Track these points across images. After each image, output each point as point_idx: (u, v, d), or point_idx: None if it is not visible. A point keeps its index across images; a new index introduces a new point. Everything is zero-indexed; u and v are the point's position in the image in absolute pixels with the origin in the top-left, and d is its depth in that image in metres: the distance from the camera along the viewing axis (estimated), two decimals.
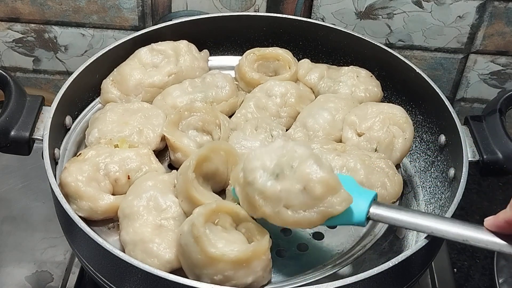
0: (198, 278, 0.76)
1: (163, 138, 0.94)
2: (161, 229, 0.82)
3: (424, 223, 0.75)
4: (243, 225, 0.80)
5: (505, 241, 0.71)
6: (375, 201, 0.78)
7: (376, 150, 0.93)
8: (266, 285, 0.80)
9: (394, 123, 0.94)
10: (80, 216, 0.85)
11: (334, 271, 0.82)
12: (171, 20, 1.18)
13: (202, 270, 0.76)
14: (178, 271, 0.79)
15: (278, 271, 0.82)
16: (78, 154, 0.91)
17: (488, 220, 0.72)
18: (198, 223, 0.76)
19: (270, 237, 0.79)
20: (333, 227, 0.88)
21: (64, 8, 1.28)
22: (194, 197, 0.82)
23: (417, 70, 1.02)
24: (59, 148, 0.94)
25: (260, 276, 0.78)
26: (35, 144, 0.93)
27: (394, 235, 0.96)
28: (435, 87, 0.99)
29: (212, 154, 0.86)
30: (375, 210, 0.76)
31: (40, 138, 0.90)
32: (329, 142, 0.93)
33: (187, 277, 0.78)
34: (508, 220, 0.70)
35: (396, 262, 0.75)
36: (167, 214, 0.83)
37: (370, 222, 0.81)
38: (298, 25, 1.12)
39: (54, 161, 0.92)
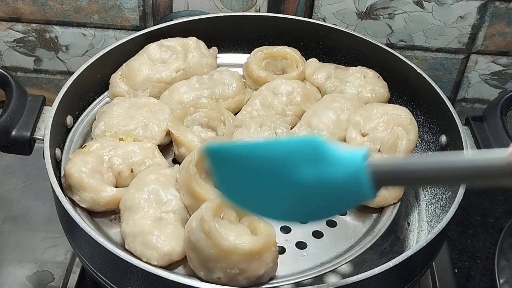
0: (210, 272, 0.77)
1: (168, 133, 0.95)
2: (161, 221, 0.83)
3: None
4: (247, 218, 0.81)
5: None
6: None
7: (379, 150, 0.93)
8: (273, 278, 0.80)
9: (398, 124, 0.94)
10: (82, 208, 0.85)
11: (331, 269, 0.83)
12: (172, 20, 1.18)
13: (215, 264, 0.76)
14: (175, 265, 0.81)
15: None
16: (83, 146, 0.92)
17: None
18: (208, 217, 0.76)
19: None
20: (333, 225, 0.88)
21: (65, 8, 1.28)
22: (195, 191, 0.83)
23: (418, 70, 1.02)
24: (60, 148, 0.94)
25: (271, 268, 0.78)
26: (36, 144, 0.93)
27: (395, 235, 0.95)
28: (436, 88, 0.99)
29: None
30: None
31: (41, 138, 0.91)
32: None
33: (189, 274, 0.79)
34: None
35: (397, 262, 0.75)
36: (168, 207, 0.84)
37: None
38: (299, 25, 1.11)
39: (55, 161, 0.91)
